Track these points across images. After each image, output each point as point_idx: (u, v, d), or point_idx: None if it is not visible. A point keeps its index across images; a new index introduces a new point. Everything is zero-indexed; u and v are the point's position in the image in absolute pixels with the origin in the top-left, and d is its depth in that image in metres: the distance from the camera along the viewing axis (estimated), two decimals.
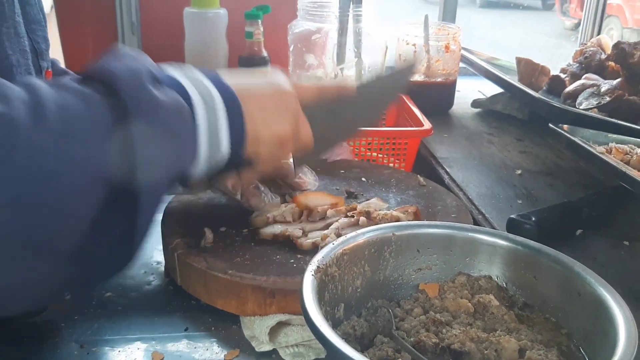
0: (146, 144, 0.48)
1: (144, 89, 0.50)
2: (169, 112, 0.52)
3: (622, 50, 1.20)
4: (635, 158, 0.89)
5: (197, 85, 0.58)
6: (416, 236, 0.64)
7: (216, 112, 0.58)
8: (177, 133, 0.53)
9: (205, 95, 0.58)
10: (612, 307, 0.52)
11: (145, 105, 0.50)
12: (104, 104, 0.48)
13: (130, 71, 0.51)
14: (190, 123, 0.55)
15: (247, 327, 0.66)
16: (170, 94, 0.53)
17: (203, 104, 0.57)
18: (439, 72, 1.39)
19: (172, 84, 0.56)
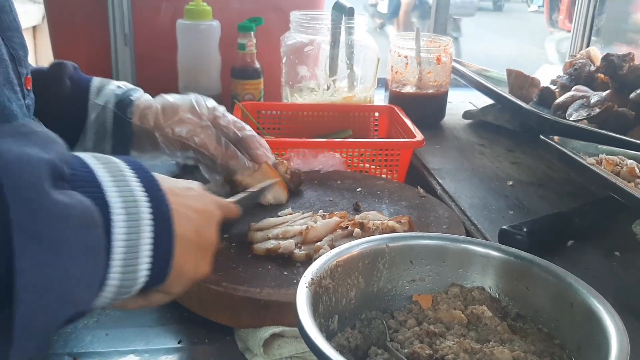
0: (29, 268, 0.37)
1: (38, 189, 0.38)
2: (70, 227, 0.40)
3: (611, 62, 1.21)
4: (625, 169, 0.90)
5: (119, 184, 0.45)
6: (409, 247, 0.64)
7: (140, 229, 0.45)
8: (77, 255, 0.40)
9: (130, 204, 0.45)
10: (604, 317, 0.52)
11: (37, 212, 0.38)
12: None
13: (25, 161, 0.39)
14: (99, 241, 0.42)
15: (241, 339, 0.66)
16: (77, 199, 0.41)
17: (125, 216, 0.44)
18: (430, 84, 1.40)
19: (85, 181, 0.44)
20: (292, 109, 1.29)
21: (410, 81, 1.40)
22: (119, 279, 0.44)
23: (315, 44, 1.32)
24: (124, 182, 0.46)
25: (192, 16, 1.36)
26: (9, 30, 0.67)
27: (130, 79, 1.52)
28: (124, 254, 0.44)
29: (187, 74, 1.41)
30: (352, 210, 0.88)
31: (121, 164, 0.48)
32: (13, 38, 0.68)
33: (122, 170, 0.47)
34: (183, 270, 0.51)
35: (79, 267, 0.40)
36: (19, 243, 0.36)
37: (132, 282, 0.46)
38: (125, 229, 0.44)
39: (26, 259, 0.37)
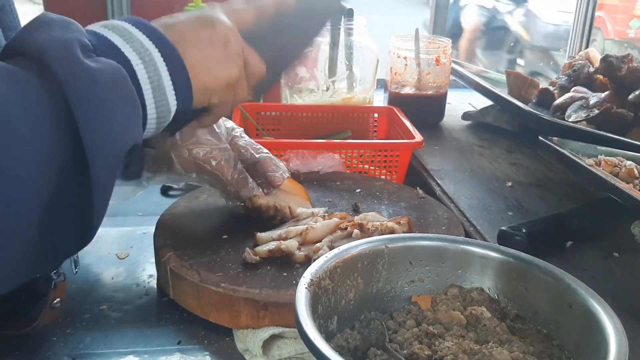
0: (89, 119, 0.46)
1: (78, 62, 0.47)
2: (107, 82, 0.49)
3: (609, 63, 1.21)
4: (624, 170, 0.90)
5: (132, 43, 0.54)
6: (409, 248, 0.64)
7: (157, 70, 0.55)
8: (119, 101, 0.50)
9: (143, 53, 0.54)
10: (603, 318, 0.52)
11: (82, 79, 0.46)
12: (36, 83, 0.45)
13: (60, 43, 0.47)
14: (131, 88, 0.52)
15: (240, 340, 0.66)
16: (105, 62, 0.50)
17: (142, 64, 0.54)
18: (429, 85, 1.40)
19: (105, 47, 0.53)
20: (292, 110, 1.29)
21: (410, 82, 1.40)
22: (155, 111, 0.55)
23: (314, 45, 1.32)
24: (133, 39, 0.54)
25: None
26: (9, 30, 0.67)
27: None
28: (153, 93, 0.54)
29: None
30: (351, 211, 0.89)
31: (126, 24, 0.56)
32: None
33: (128, 30, 0.55)
34: (206, 84, 0.60)
35: (124, 112, 0.50)
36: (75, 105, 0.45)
37: (167, 110, 0.56)
38: (146, 73, 0.54)
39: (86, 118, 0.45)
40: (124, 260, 0.82)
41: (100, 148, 0.47)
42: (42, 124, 0.44)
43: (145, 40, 0.55)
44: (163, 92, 0.55)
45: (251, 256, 0.72)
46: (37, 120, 0.44)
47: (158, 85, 0.55)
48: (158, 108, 0.55)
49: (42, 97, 0.45)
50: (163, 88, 0.55)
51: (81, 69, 0.47)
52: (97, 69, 0.48)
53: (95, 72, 0.48)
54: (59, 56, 0.46)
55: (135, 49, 0.54)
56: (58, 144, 0.45)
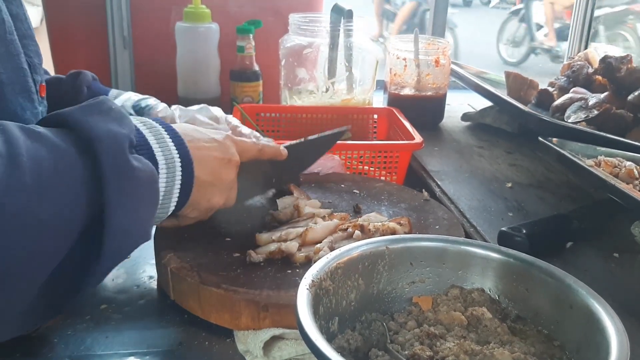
0: (119, 209, 0.50)
1: (124, 160, 0.51)
2: (142, 183, 0.53)
3: (609, 64, 1.22)
4: (623, 171, 0.90)
5: (163, 148, 0.60)
6: (409, 249, 0.64)
7: (174, 179, 0.61)
8: (147, 201, 0.55)
9: (169, 161, 0.60)
10: (604, 319, 0.52)
11: (124, 177, 0.51)
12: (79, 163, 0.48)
13: (113, 137, 0.51)
14: (158, 190, 0.58)
15: (241, 341, 0.66)
16: (145, 163, 0.54)
17: (165, 170, 0.59)
18: (429, 86, 1.41)
19: (144, 146, 0.58)
20: (291, 111, 1.29)
21: (409, 83, 1.40)
22: (159, 213, 0.61)
23: (314, 46, 1.33)
24: (164, 144, 0.60)
25: (191, 19, 1.36)
26: (24, 38, 0.68)
27: (130, 81, 1.52)
28: (163, 197, 0.60)
29: (186, 77, 1.41)
30: (352, 212, 0.89)
31: (160, 128, 0.61)
32: (29, 46, 0.69)
33: (161, 133, 0.60)
34: (199, 203, 0.67)
35: (145, 210, 0.55)
36: (111, 198, 0.49)
37: (165, 214, 0.63)
38: (166, 179, 0.59)
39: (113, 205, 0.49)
40: (124, 262, 0.81)
41: (119, 233, 0.51)
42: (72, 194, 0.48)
43: (173, 148, 0.61)
44: (169, 198, 0.61)
45: (255, 256, 0.72)
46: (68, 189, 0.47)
47: (169, 191, 0.61)
48: (160, 210, 0.61)
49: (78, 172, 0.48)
50: (171, 196, 0.61)
51: (126, 166, 0.51)
52: (138, 168, 0.53)
53: (136, 171, 0.52)
54: (110, 151, 0.50)
55: (165, 154, 0.60)
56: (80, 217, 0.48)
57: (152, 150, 0.58)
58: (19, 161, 0.43)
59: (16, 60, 0.64)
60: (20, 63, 0.65)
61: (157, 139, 0.60)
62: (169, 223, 0.72)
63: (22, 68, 0.65)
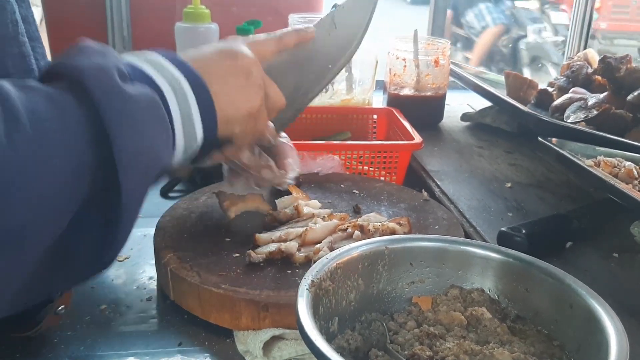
0: (124, 140, 0.47)
1: (115, 85, 0.49)
2: (142, 107, 0.51)
3: (608, 64, 1.22)
4: (623, 171, 0.90)
5: (163, 73, 0.57)
6: (409, 249, 0.64)
7: (187, 100, 0.57)
8: (153, 126, 0.52)
9: (174, 83, 0.57)
10: (604, 318, 0.52)
11: (118, 102, 0.48)
12: (74, 104, 0.46)
13: (98, 68, 0.49)
14: (163, 113, 0.54)
15: (240, 341, 0.66)
16: (140, 88, 0.52)
17: (173, 93, 0.56)
18: (428, 86, 1.41)
19: (140, 76, 0.55)
20: None
21: (409, 84, 1.40)
22: (184, 140, 0.57)
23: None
24: (164, 70, 0.57)
25: (190, 19, 1.36)
26: (32, 41, 0.68)
27: None
28: (181, 119, 0.57)
29: None
30: (351, 212, 0.89)
31: (158, 56, 0.59)
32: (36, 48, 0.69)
33: (160, 61, 0.58)
34: (228, 115, 0.62)
35: (156, 135, 0.53)
36: (109, 125, 0.46)
37: (194, 140, 0.59)
38: (177, 102, 0.56)
39: (120, 136, 0.47)
40: (124, 262, 0.82)
41: (132, 167, 0.48)
42: (78, 142, 0.46)
43: (176, 71, 0.58)
44: (191, 121, 0.58)
45: (255, 256, 0.72)
46: (73, 138, 0.45)
47: (187, 114, 0.57)
48: (186, 137, 0.58)
49: (79, 117, 0.46)
50: (191, 118, 0.58)
51: (118, 91, 0.49)
52: (133, 92, 0.50)
53: (131, 95, 0.50)
54: (98, 79, 0.48)
55: (167, 79, 0.57)
56: (91, 163, 0.46)
57: (151, 78, 0.56)
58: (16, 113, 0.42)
59: (27, 62, 0.65)
60: (31, 65, 0.65)
61: (155, 66, 0.57)
62: (228, 152, 0.68)
63: (33, 69, 0.65)
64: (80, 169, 0.46)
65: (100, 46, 0.54)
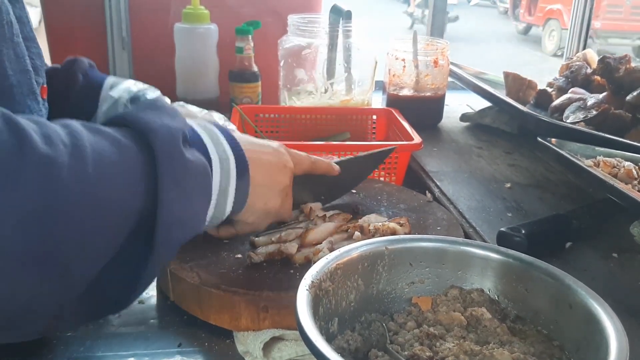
0: (173, 200, 0.51)
1: (177, 150, 0.52)
2: (195, 175, 0.55)
3: (607, 64, 1.22)
4: (622, 171, 0.90)
5: (217, 148, 0.61)
6: (409, 250, 0.64)
7: (229, 178, 0.61)
8: (199, 193, 0.56)
9: (223, 160, 0.61)
10: (603, 318, 0.52)
11: (177, 166, 0.52)
12: (137, 155, 0.50)
13: (166, 129, 0.52)
14: (210, 185, 0.58)
15: (240, 342, 0.66)
16: (197, 157, 0.56)
17: (219, 167, 0.60)
18: (428, 87, 1.41)
19: (198, 144, 0.59)
20: (290, 112, 1.29)
21: (408, 84, 1.40)
22: (214, 211, 0.61)
23: (312, 47, 1.33)
24: (218, 142, 0.61)
25: (190, 20, 1.36)
26: (27, 41, 0.68)
27: None
28: (218, 195, 0.60)
29: (185, 78, 1.41)
30: (350, 213, 0.88)
31: (215, 129, 0.63)
32: (31, 48, 0.69)
33: (216, 133, 0.62)
34: (255, 205, 0.67)
35: (197, 202, 0.56)
36: (164, 186, 0.50)
37: (222, 213, 0.62)
38: (220, 176, 0.60)
39: (167, 194, 0.50)
40: None
41: (172, 225, 0.51)
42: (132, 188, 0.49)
43: (228, 148, 0.62)
44: (225, 197, 0.62)
45: (256, 257, 0.72)
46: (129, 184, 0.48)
47: (225, 190, 0.61)
48: (216, 209, 0.61)
49: (138, 167, 0.49)
50: (227, 195, 0.62)
51: (179, 156, 0.53)
52: (191, 160, 0.54)
53: (189, 162, 0.53)
54: (164, 140, 0.51)
55: (219, 153, 0.61)
56: (138, 210, 0.49)
57: (205, 147, 0.60)
58: (83, 151, 0.45)
59: (22, 63, 0.65)
60: (26, 65, 0.65)
61: (212, 137, 0.61)
62: (226, 232, 0.73)
63: (28, 70, 0.66)
64: (128, 215, 0.48)
65: (171, 107, 0.58)
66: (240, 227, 0.71)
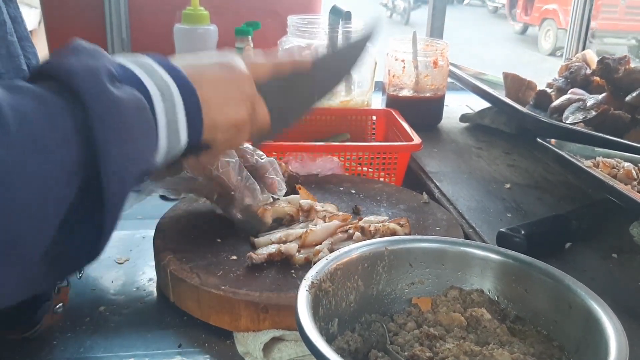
0: (108, 145, 0.48)
1: (104, 88, 0.49)
2: (129, 111, 0.51)
3: (607, 65, 1.22)
4: (622, 172, 0.90)
5: (153, 76, 0.57)
6: (409, 250, 0.64)
7: (174, 104, 0.58)
8: (138, 131, 0.53)
9: (163, 87, 0.57)
10: (603, 319, 0.53)
11: (106, 105, 0.49)
12: (62, 105, 0.47)
13: (88, 69, 0.49)
14: (150, 119, 0.55)
15: (240, 343, 0.66)
16: (129, 91, 0.52)
17: (161, 97, 0.57)
18: (427, 87, 1.41)
19: (129, 78, 0.55)
20: None
21: (408, 85, 1.40)
22: (167, 143, 0.57)
23: (312, 48, 1.33)
24: (155, 74, 0.57)
25: (189, 21, 1.36)
26: (22, 40, 0.68)
27: None
28: (166, 124, 0.57)
29: None
30: (351, 213, 0.89)
31: (149, 60, 0.59)
32: (26, 48, 0.69)
33: (151, 64, 0.58)
34: (217, 122, 0.63)
35: (141, 140, 0.53)
36: (97, 131, 0.47)
37: (177, 142, 0.59)
38: (164, 106, 0.57)
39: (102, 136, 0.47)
40: (123, 264, 0.82)
41: (115, 172, 0.49)
42: (66, 143, 0.46)
43: (166, 75, 0.58)
44: (176, 126, 0.58)
45: (257, 257, 0.72)
46: (61, 139, 0.46)
47: (173, 119, 0.58)
48: (170, 140, 0.58)
49: (67, 118, 0.46)
50: (177, 123, 0.58)
51: (106, 95, 0.49)
52: (120, 96, 0.50)
53: (119, 98, 0.50)
54: (87, 81, 0.48)
55: (156, 83, 0.57)
56: (78, 164, 0.47)
57: (140, 81, 0.56)
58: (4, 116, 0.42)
59: (17, 62, 0.65)
60: (21, 64, 0.65)
61: (145, 69, 0.57)
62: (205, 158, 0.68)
63: (23, 69, 0.66)
64: (66, 172, 0.46)
65: (91, 46, 0.55)
66: (216, 149, 0.67)
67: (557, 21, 8.20)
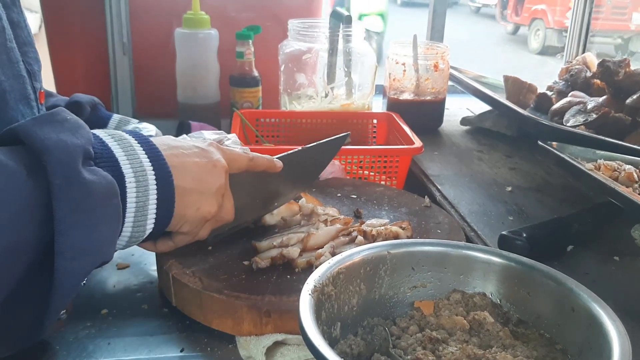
0: (68, 237, 0.47)
1: (75, 172, 0.48)
2: (99, 198, 0.50)
3: (607, 68, 1.22)
4: (623, 174, 0.90)
5: (132, 160, 0.56)
6: (411, 254, 0.64)
7: (147, 193, 0.57)
8: (103, 222, 0.51)
9: (139, 173, 0.56)
10: (606, 322, 0.53)
11: (75, 190, 0.47)
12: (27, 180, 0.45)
13: (63, 148, 0.48)
14: (118, 205, 0.53)
15: (243, 347, 0.66)
16: (102, 176, 0.51)
17: (135, 183, 0.55)
18: (428, 91, 1.41)
19: (106, 159, 0.54)
20: (291, 117, 1.29)
21: (408, 88, 1.41)
22: (131, 231, 0.56)
23: (313, 51, 1.33)
24: (133, 155, 0.56)
25: (190, 25, 1.37)
26: (24, 45, 0.68)
27: (129, 88, 1.53)
28: (135, 213, 0.56)
29: (185, 83, 1.41)
30: (352, 217, 0.89)
31: (131, 139, 0.58)
32: (28, 53, 0.69)
33: (132, 145, 0.57)
34: (186, 214, 0.62)
35: (103, 227, 0.51)
36: (59, 211, 0.45)
37: (142, 232, 0.58)
38: (136, 193, 0.55)
39: (64, 223, 0.46)
40: (125, 269, 0.82)
41: (71, 259, 0.47)
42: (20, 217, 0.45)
43: (145, 160, 0.57)
44: (145, 214, 0.57)
45: (261, 262, 0.72)
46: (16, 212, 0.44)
47: (143, 206, 0.56)
48: (134, 228, 0.57)
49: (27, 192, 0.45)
50: (146, 211, 0.57)
51: (78, 178, 0.48)
52: (92, 181, 0.49)
53: (91, 184, 0.49)
54: (60, 161, 0.47)
55: (133, 166, 0.56)
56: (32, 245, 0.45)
57: (117, 162, 0.55)
58: None
59: (16, 68, 0.65)
60: (20, 70, 0.65)
61: (126, 150, 0.56)
62: (164, 246, 0.69)
63: (22, 75, 0.65)
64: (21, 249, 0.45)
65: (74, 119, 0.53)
66: (178, 239, 0.67)
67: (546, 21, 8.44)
